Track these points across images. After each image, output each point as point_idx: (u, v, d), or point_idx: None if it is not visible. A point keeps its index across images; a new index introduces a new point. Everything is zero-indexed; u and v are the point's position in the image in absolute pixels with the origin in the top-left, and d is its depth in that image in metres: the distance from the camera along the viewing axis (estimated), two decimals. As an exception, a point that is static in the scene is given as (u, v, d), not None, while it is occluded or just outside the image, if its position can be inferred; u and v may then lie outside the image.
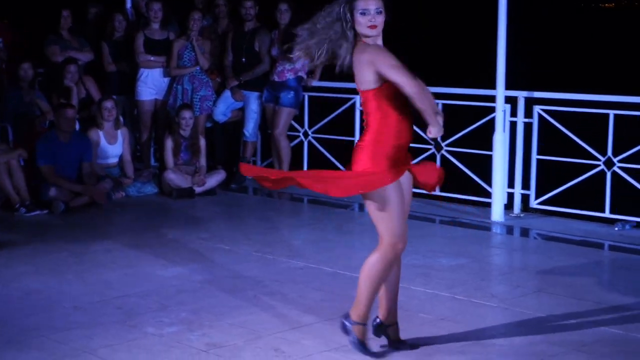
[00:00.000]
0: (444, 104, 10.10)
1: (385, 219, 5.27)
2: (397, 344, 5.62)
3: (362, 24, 5.22)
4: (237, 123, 11.36)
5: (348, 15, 5.24)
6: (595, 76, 24.60)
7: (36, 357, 5.58)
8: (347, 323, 5.48)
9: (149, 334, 5.99)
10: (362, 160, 5.27)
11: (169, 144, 10.49)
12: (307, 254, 7.97)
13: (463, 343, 5.79)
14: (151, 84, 11.11)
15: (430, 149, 10.22)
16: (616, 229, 8.79)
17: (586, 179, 9.19)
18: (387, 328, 5.64)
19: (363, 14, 5.21)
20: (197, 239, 8.54)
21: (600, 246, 8.32)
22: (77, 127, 10.48)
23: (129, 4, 12.11)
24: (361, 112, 5.07)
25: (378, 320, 5.64)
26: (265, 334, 5.96)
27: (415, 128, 5.50)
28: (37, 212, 9.64)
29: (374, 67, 5.17)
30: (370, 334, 5.57)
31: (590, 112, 9.27)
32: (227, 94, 11.13)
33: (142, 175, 10.86)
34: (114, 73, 11.37)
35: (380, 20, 5.24)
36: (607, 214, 8.96)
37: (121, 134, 10.60)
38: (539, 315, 6.31)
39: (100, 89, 11.18)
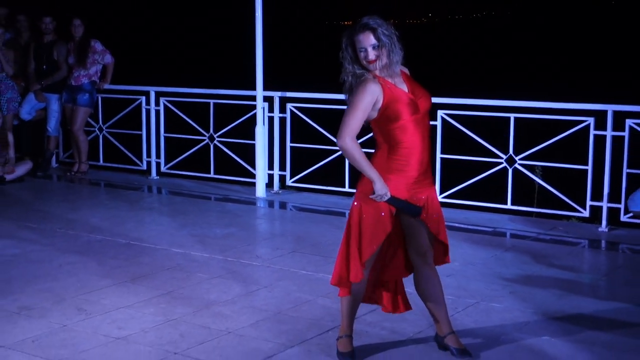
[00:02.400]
0: (215, 103, 10.21)
1: None
2: (460, 352, 4.75)
3: (362, 60, 4.50)
4: (41, 121, 11.07)
5: (350, 51, 4.53)
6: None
7: None
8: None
9: (-33, 302, 5.78)
10: None
11: (-20, 139, 10.08)
12: (104, 229, 7.87)
13: (233, 295, 5.90)
14: (-39, 89, 10.62)
15: (204, 139, 10.27)
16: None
17: (329, 162, 9.46)
18: (444, 339, 4.82)
19: (360, 51, 4.48)
20: (8, 219, 8.25)
21: (341, 214, 8.60)
22: None
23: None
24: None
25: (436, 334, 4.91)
26: (69, 297, 5.87)
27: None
28: None
29: None
30: None
31: (329, 108, 9.49)
32: (31, 96, 10.84)
33: (-43, 166, 10.39)
34: None
35: (378, 53, 4.47)
36: (346, 189, 9.26)
37: (-64, 132, 10.09)
38: (294, 270, 6.50)
39: None
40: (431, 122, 8.54)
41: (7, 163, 10.15)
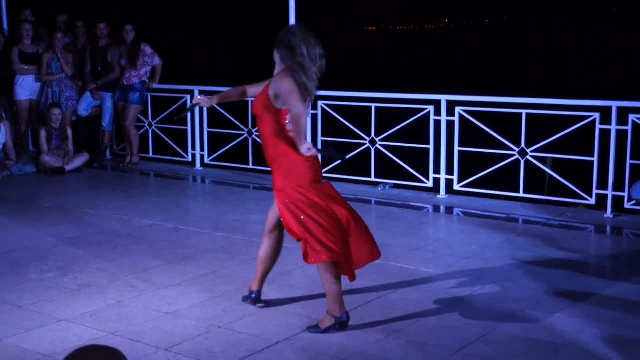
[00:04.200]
0: (251, 101, 10.21)
1: None
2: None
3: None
4: (96, 117, 11.13)
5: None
6: (365, 80, 25.18)
7: (-59, 301, 5.36)
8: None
9: (32, 279, 5.83)
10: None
11: (43, 133, 10.16)
12: (154, 215, 7.90)
13: (270, 274, 5.88)
14: (26, 87, 10.70)
15: (243, 134, 10.28)
16: (379, 189, 9.09)
17: (357, 154, 9.41)
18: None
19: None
20: (68, 205, 8.32)
21: (367, 202, 8.59)
22: (-32, 122, 9.99)
23: (5, 24, 11.63)
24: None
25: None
26: (123, 275, 5.90)
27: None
28: (-63, 189, 9.17)
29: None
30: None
31: (358, 106, 9.48)
32: (88, 94, 10.89)
33: (23, 158, 10.50)
34: (-4, 79, 10.89)
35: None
36: (372, 179, 9.25)
37: (4, 126, 10.18)
38: (325, 253, 6.48)
39: (-15, 92, 10.70)
40: (449, 118, 8.60)
41: (67, 155, 10.24)
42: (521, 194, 8.32)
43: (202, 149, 10.66)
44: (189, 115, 10.60)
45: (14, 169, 10.11)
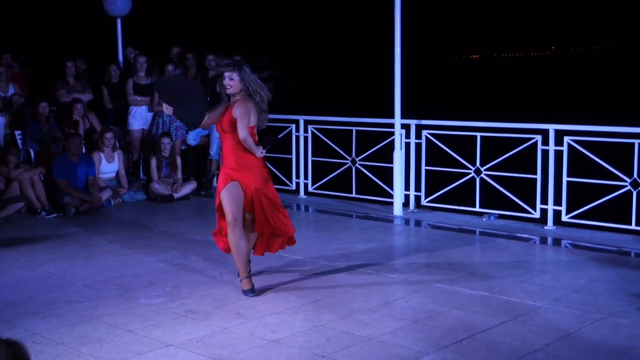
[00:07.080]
0: (357, 130, 10.23)
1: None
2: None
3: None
4: (204, 146, 11.36)
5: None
6: (469, 109, 24.91)
7: (55, 324, 5.54)
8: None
9: (141, 304, 5.97)
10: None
11: (153, 162, 10.46)
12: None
13: (373, 304, 5.86)
14: (139, 117, 11.06)
15: (347, 163, 10.30)
16: (484, 219, 8.93)
17: (461, 183, 9.32)
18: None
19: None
20: (176, 232, 8.51)
21: (472, 232, 8.45)
22: (84, 150, 10.37)
23: (120, 57, 12.08)
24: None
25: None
26: (229, 302, 5.97)
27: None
28: (54, 215, 9.54)
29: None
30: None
31: (463, 135, 9.38)
32: (197, 124, 11.13)
33: (134, 185, 10.80)
34: (111, 109, 11.30)
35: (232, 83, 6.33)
36: (477, 209, 9.10)
37: (117, 155, 10.52)
38: (429, 283, 6.40)
39: (100, 122, 11.13)
40: (557, 148, 8.38)
41: (175, 183, 10.49)
42: (633, 226, 8.00)
43: (306, 177, 10.74)
44: (293, 144, 10.73)
45: (126, 196, 10.44)
